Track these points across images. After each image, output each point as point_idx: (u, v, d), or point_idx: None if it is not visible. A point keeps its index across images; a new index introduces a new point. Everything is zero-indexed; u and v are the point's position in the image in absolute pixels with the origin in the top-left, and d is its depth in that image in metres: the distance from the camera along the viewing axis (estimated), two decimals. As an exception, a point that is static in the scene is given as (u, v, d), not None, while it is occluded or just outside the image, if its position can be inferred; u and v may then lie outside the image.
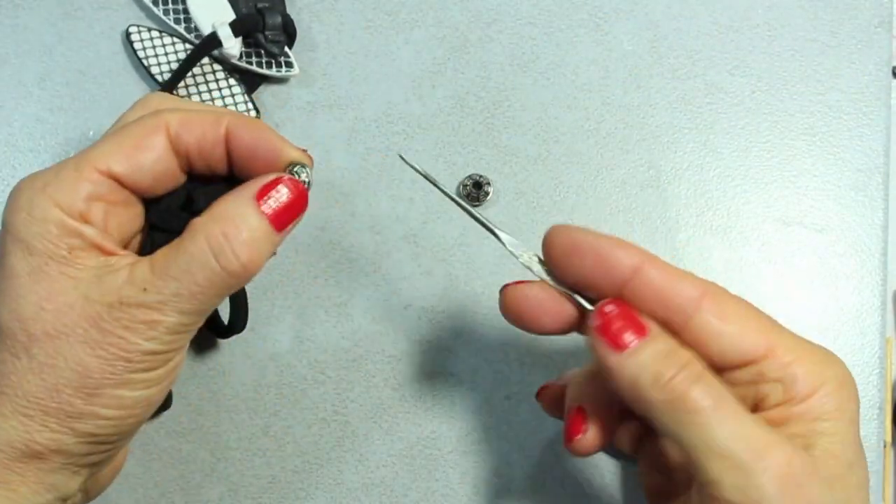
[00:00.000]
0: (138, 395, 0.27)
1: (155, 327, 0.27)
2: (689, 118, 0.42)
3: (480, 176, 0.40)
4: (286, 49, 0.41)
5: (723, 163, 0.41)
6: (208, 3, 0.41)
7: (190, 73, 0.40)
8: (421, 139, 0.41)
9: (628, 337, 0.27)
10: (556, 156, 0.41)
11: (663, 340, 0.27)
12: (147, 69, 0.40)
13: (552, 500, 0.37)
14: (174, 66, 0.41)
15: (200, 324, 0.28)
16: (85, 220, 0.27)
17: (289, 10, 0.43)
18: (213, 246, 0.27)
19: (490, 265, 0.39)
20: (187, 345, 0.29)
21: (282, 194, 0.28)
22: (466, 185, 0.40)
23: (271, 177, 0.28)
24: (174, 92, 0.40)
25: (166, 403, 0.37)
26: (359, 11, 0.43)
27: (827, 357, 0.28)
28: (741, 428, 0.26)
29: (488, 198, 0.40)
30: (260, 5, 0.41)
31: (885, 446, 0.39)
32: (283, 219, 0.28)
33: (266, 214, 0.28)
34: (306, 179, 0.29)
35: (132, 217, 0.29)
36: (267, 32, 0.40)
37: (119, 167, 0.28)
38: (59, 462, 0.27)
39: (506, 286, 0.30)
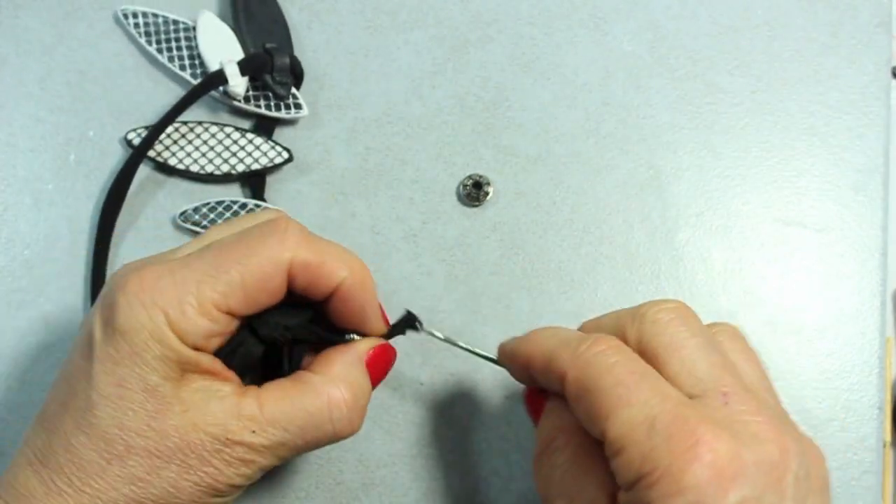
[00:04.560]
0: None
1: (251, 466, 0.28)
2: (689, 118, 0.42)
3: (480, 176, 0.40)
4: (293, 90, 0.41)
5: (723, 163, 0.41)
6: (219, 43, 0.41)
7: (209, 147, 0.40)
8: (421, 139, 0.41)
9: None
10: (556, 156, 0.41)
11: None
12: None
13: (552, 500, 0.37)
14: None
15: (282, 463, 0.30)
16: (200, 350, 0.27)
17: (288, 10, 0.43)
18: (334, 413, 0.28)
19: (490, 265, 0.39)
20: None
21: (381, 352, 0.31)
22: (466, 185, 0.40)
23: (378, 342, 0.31)
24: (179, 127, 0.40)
25: None
26: (359, 11, 0.43)
27: (654, 455, 0.24)
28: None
29: (488, 198, 0.40)
30: (268, 46, 0.40)
31: (884, 446, 0.39)
32: (379, 375, 0.31)
33: (371, 379, 0.30)
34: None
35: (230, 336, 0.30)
36: (275, 74, 0.40)
37: (239, 306, 0.28)
38: None
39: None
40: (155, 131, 0.39)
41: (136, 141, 0.39)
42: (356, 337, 0.31)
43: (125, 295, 0.27)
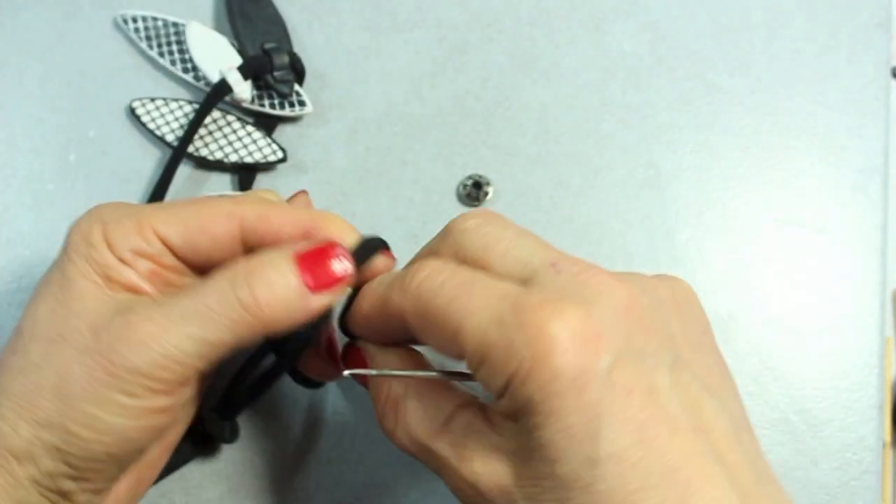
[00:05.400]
0: (112, 421, 0.26)
1: (150, 344, 0.25)
2: (689, 118, 0.42)
3: (480, 176, 0.40)
4: (296, 87, 0.41)
5: (723, 163, 0.41)
6: (212, 51, 0.41)
7: (207, 131, 0.40)
8: (421, 139, 0.41)
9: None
10: (556, 156, 0.41)
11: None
12: (160, 138, 0.40)
13: (552, 500, 0.37)
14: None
15: (201, 370, 0.27)
16: (126, 263, 0.28)
17: (288, 10, 0.43)
18: (233, 276, 0.27)
19: (490, 265, 0.39)
20: (181, 414, 0.29)
21: (326, 258, 0.28)
22: (466, 185, 0.40)
23: (324, 243, 0.28)
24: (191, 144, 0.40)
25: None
26: (359, 11, 0.43)
27: (510, 338, 0.23)
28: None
29: (488, 198, 0.40)
30: (266, 46, 0.40)
31: (884, 446, 0.39)
32: (319, 277, 0.27)
33: (299, 267, 0.27)
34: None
35: (182, 283, 0.29)
36: (276, 73, 0.40)
37: (176, 240, 0.28)
38: (26, 475, 0.26)
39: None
40: (172, 163, 0.38)
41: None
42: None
43: (82, 216, 0.29)
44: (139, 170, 0.40)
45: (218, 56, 0.40)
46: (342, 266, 0.28)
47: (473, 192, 0.40)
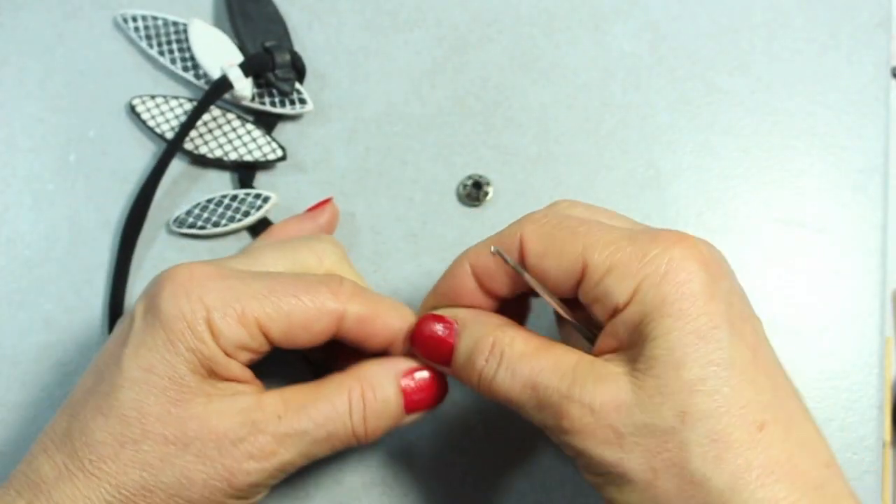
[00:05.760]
0: None
1: (269, 458, 0.27)
2: (689, 118, 0.42)
3: (480, 176, 0.40)
4: (297, 85, 0.41)
5: (723, 163, 0.41)
6: (214, 48, 0.41)
7: (207, 129, 0.40)
8: (421, 139, 0.41)
9: (440, 347, 0.29)
10: (556, 156, 0.41)
11: (468, 334, 0.28)
12: (160, 136, 0.40)
13: (553, 500, 0.36)
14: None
15: (294, 470, 0.29)
16: (230, 356, 0.28)
17: (288, 10, 0.43)
18: (354, 405, 0.28)
19: (490, 265, 0.39)
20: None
21: (424, 377, 0.30)
22: (466, 185, 0.40)
23: (421, 366, 0.30)
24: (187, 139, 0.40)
25: None
26: (359, 11, 0.43)
27: (645, 249, 0.25)
28: (541, 379, 0.26)
29: (488, 198, 0.40)
30: (267, 44, 0.40)
31: (884, 446, 0.39)
32: (416, 401, 0.30)
33: (403, 390, 0.29)
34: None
35: (261, 357, 0.30)
36: (277, 71, 0.40)
37: (278, 335, 0.28)
38: None
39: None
40: (166, 156, 0.38)
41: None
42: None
43: (172, 284, 0.27)
44: (139, 170, 0.40)
45: (219, 53, 0.40)
46: (442, 393, 0.31)
47: (473, 192, 0.40)
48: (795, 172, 0.41)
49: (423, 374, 0.30)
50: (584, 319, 0.29)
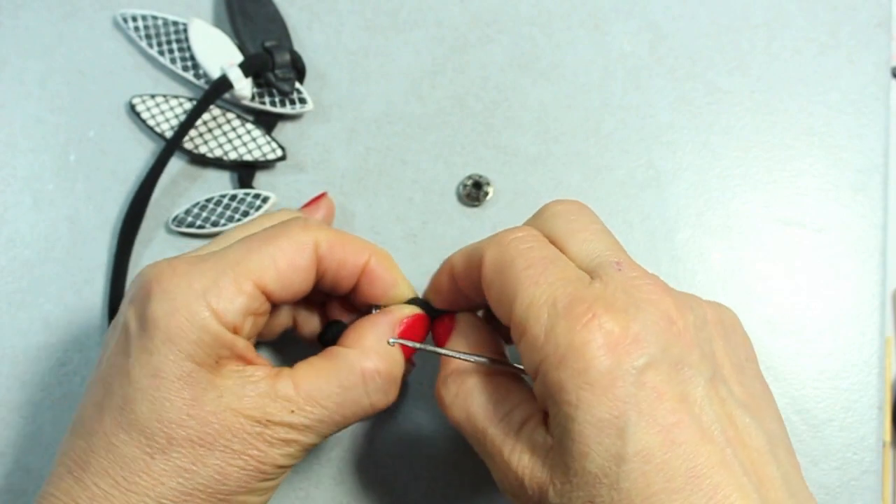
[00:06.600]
0: (257, 500, 0.29)
1: (293, 445, 0.28)
2: (689, 118, 0.42)
3: (480, 176, 0.40)
4: (297, 85, 0.41)
5: (723, 163, 0.41)
6: (214, 48, 0.41)
7: (207, 128, 0.40)
8: (421, 139, 0.41)
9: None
10: (556, 156, 0.41)
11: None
12: (160, 135, 0.40)
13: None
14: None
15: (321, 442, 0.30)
16: (237, 332, 0.28)
17: (288, 10, 0.43)
18: (370, 385, 0.29)
19: (490, 265, 0.39)
20: None
21: (420, 329, 0.31)
22: (466, 185, 0.40)
23: (408, 311, 0.31)
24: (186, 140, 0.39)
25: None
26: (359, 11, 0.43)
27: (552, 322, 0.24)
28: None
29: (488, 198, 0.40)
30: (267, 44, 0.40)
31: (884, 446, 0.39)
32: (410, 350, 0.31)
33: (403, 350, 0.30)
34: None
35: (264, 322, 0.30)
36: (277, 71, 0.40)
37: (273, 285, 0.28)
38: None
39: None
40: (164, 154, 0.38)
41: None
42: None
43: (159, 283, 0.27)
44: (139, 169, 0.40)
45: (220, 53, 0.40)
46: (427, 327, 0.32)
47: (473, 192, 0.40)
48: (795, 172, 0.41)
49: (414, 325, 0.31)
50: None
